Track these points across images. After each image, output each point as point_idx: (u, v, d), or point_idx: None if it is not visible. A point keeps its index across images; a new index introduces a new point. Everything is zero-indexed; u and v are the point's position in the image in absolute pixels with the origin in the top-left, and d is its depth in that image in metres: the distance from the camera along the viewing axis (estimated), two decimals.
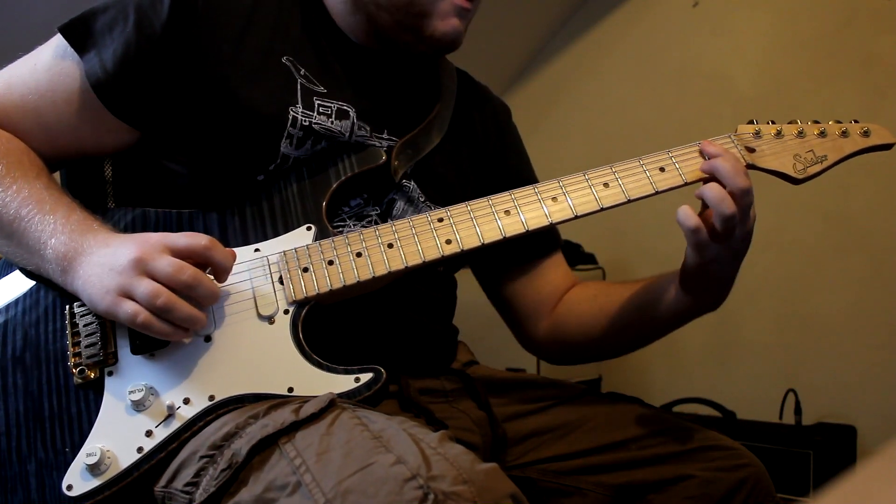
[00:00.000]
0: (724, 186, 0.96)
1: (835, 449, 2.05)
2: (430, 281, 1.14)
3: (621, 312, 1.15)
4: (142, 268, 0.85)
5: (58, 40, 1.02)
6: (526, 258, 1.26)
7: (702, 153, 1.02)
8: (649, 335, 1.16)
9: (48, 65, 1.02)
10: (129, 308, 0.85)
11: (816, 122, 1.09)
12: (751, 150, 1.06)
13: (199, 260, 0.89)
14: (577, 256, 2.74)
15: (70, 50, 1.00)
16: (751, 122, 1.09)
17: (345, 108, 1.06)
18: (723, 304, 1.08)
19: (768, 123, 1.09)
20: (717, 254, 0.98)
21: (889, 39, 2.29)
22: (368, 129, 1.08)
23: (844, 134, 1.08)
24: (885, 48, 2.29)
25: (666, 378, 2.76)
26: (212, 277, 0.90)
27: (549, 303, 1.25)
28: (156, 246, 0.87)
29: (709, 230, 0.97)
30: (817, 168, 1.06)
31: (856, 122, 1.09)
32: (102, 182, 1.07)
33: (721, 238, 0.97)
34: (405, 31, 1.08)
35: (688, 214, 0.96)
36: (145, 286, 0.84)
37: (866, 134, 1.08)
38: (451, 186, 1.16)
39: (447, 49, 1.11)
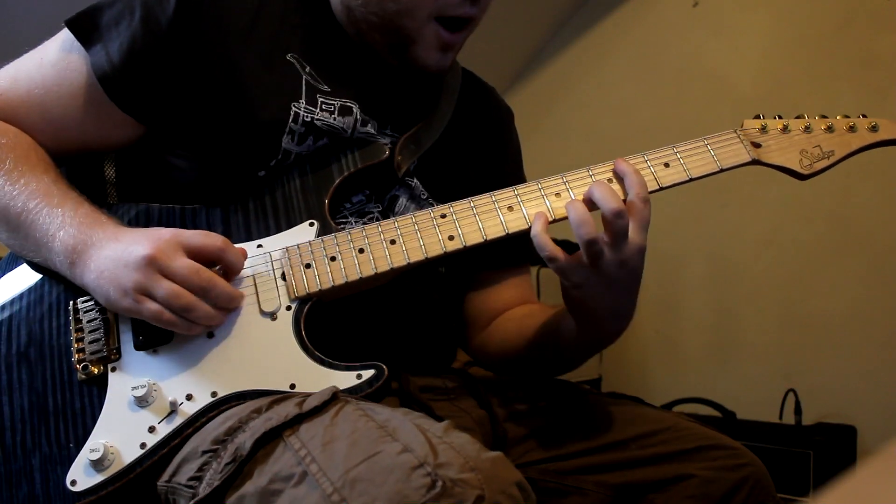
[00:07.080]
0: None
1: (835, 449, 2.05)
2: (432, 282, 1.14)
3: (534, 336, 1.12)
4: (156, 266, 0.86)
5: (64, 34, 1.02)
6: (488, 266, 1.23)
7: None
8: (553, 363, 1.13)
9: (54, 59, 1.02)
10: (152, 307, 0.86)
11: (824, 116, 1.07)
12: (756, 146, 1.04)
13: (210, 259, 0.89)
14: None
15: (76, 44, 1.00)
16: (757, 117, 1.07)
17: (349, 104, 1.07)
18: (618, 338, 1.03)
19: (775, 118, 1.07)
20: (585, 279, 0.94)
21: (889, 39, 2.29)
22: (373, 124, 1.08)
23: (852, 129, 1.06)
24: (885, 48, 2.29)
25: (666, 378, 2.76)
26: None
27: (488, 319, 1.23)
28: (170, 243, 0.87)
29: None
30: (824, 163, 1.04)
31: (864, 116, 1.07)
32: (102, 182, 1.08)
33: (589, 263, 0.92)
34: (392, 54, 1.09)
35: (541, 243, 0.92)
36: (165, 288, 0.85)
37: (874, 129, 1.07)
38: (454, 183, 1.16)
39: (431, 76, 1.13)
